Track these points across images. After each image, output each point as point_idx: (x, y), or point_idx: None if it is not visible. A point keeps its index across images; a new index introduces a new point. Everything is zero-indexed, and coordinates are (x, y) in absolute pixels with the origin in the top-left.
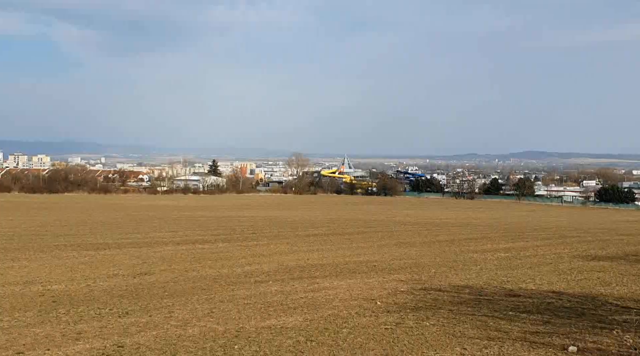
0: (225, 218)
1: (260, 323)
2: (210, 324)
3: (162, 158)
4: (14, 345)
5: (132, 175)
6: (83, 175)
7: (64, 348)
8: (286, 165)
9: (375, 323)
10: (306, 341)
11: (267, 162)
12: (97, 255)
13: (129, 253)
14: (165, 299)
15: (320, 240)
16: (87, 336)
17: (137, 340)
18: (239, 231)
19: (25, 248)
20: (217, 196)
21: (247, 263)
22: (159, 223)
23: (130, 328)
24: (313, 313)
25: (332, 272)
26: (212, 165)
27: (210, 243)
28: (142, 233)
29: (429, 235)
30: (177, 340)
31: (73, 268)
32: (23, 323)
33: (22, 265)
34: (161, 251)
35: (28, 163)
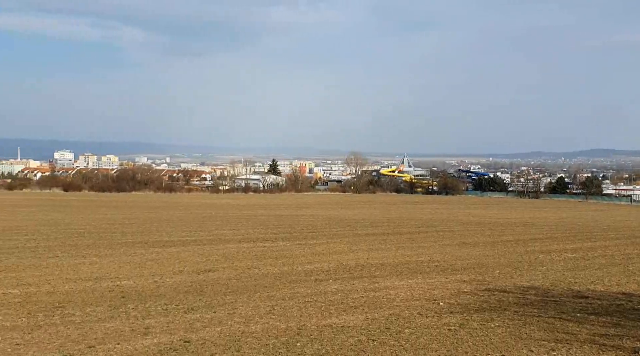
0: (285, 217)
1: (321, 321)
2: (272, 321)
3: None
4: (85, 338)
5: (196, 175)
6: (149, 174)
7: (132, 343)
8: (345, 164)
9: (438, 323)
10: (368, 340)
11: (326, 161)
12: (163, 252)
13: (193, 250)
14: (229, 296)
15: (380, 240)
16: (154, 331)
17: (203, 336)
18: (299, 230)
19: (96, 245)
20: (276, 195)
21: (307, 262)
22: (221, 221)
23: (195, 323)
24: (374, 312)
25: (393, 272)
26: (271, 164)
27: (270, 242)
28: (206, 231)
29: (493, 235)
30: (240, 336)
31: (141, 265)
32: (94, 318)
33: (92, 261)
34: (224, 249)
35: (97, 163)
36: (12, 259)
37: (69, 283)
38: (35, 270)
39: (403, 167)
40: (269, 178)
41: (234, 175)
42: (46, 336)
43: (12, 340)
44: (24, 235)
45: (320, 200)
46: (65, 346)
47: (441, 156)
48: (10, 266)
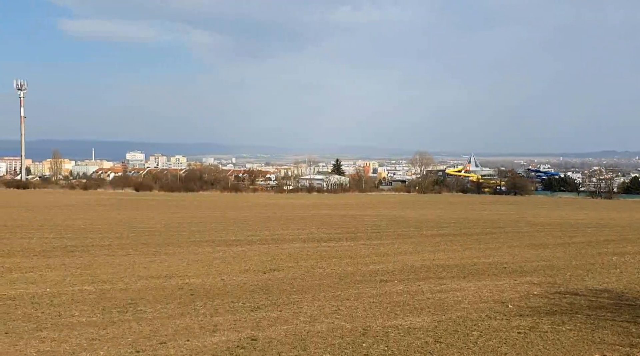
0: (348, 217)
1: (387, 322)
2: (337, 321)
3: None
4: (157, 335)
5: (261, 175)
6: (216, 174)
7: (202, 339)
8: (409, 164)
9: (507, 326)
10: (435, 342)
11: (390, 160)
12: (229, 251)
13: (259, 249)
14: (294, 295)
15: (447, 240)
16: (222, 329)
17: (269, 334)
18: (363, 230)
19: (165, 244)
20: (340, 195)
21: (371, 262)
22: (285, 221)
23: (262, 322)
24: (441, 314)
25: (460, 273)
26: (335, 164)
27: (335, 242)
28: (270, 231)
29: (564, 236)
30: (306, 336)
31: (208, 263)
32: (165, 315)
33: (162, 259)
34: (288, 248)
35: (167, 163)
36: (87, 257)
37: (141, 280)
38: (109, 267)
39: (470, 167)
40: (333, 178)
41: (298, 175)
42: (120, 332)
43: (87, 335)
44: (98, 234)
45: (384, 200)
46: (137, 342)
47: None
48: (86, 263)
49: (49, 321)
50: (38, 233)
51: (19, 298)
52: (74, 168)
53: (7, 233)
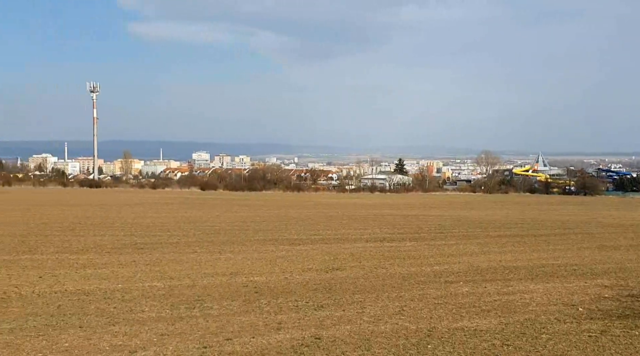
0: (412, 216)
1: (452, 323)
2: (401, 322)
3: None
4: (223, 331)
5: (322, 174)
6: (278, 174)
7: (266, 337)
8: (475, 163)
9: (577, 330)
10: (502, 345)
11: (455, 160)
12: (292, 250)
13: (321, 249)
14: (357, 295)
15: (513, 241)
16: (286, 327)
17: (333, 333)
18: (427, 230)
19: (230, 242)
20: (403, 195)
21: (436, 263)
22: (348, 220)
23: (325, 321)
24: (508, 316)
25: (527, 275)
26: (398, 163)
27: (397, 242)
28: (333, 230)
29: (636, 238)
30: (370, 336)
31: (272, 262)
32: (230, 312)
33: (228, 257)
34: (351, 248)
35: (231, 163)
36: (156, 254)
37: (207, 277)
38: (176, 264)
39: (537, 166)
40: (395, 177)
41: (360, 174)
42: (187, 328)
43: (157, 330)
44: (166, 232)
45: (448, 200)
46: (204, 338)
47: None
48: (155, 260)
49: (120, 316)
50: (110, 231)
51: (92, 293)
52: (143, 167)
53: (81, 231)
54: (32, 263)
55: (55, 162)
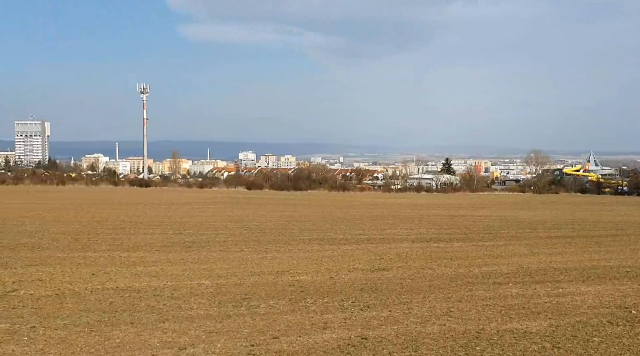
0: (459, 217)
1: (501, 325)
2: (449, 323)
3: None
4: (270, 330)
5: (368, 174)
6: (323, 173)
7: (313, 336)
8: (524, 163)
9: (631, 333)
10: (552, 348)
11: (503, 159)
12: (337, 250)
13: (367, 249)
14: (403, 295)
15: (564, 242)
16: (333, 327)
17: (379, 334)
18: (474, 230)
19: (276, 241)
20: (450, 194)
21: (484, 264)
22: (393, 220)
23: (372, 321)
24: (559, 319)
25: (578, 277)
26: (445, 163)
27: (445, 242)
28: (378, 230)
29: None
30: (417, 337)
31: (317, 261)
32: (277, 310)
33: (273, 256)
34: (397, 248)
35: (277, 163)
36: (203, 252)
37: (254, 276)
38: (223, 262)
39: (589, 166)
40: (442, 177)
41: (406, 174)
42: (235, 326)
43: (205, 327)
44: (213, 230)
45: (497, 201)
46: (252, 336)
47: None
48: (202, 258)
49: (170, 313)
50: (159, 229)
51: (143, 290)
52: (190, 167)
53: (131, 229)
54: (85, 261)
55: (106, 162)
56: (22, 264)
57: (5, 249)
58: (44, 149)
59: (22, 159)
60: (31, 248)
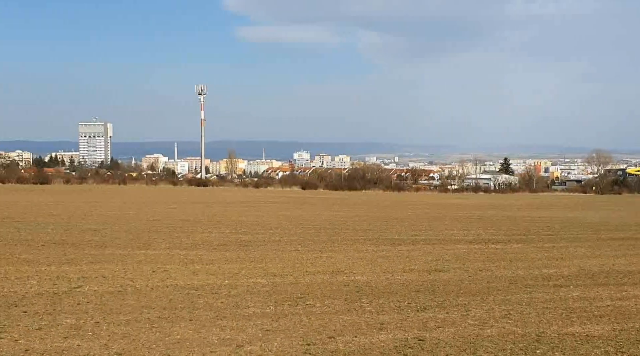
0: (518, 218)
1: (562, 329)
2: (508, 326)
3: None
4: (325, 329)
5: (423, 174)
6: (378, 173)
7: (369, 337)
8: (585, 163)
9: None
10: (616, 352)
11: (564, 159)
12: (393, 250)
13: (423, 249)
14: (461, 297)
15: (628, 245)
16: (389, 328)
17: (436, 335)
18: (534, 232)
19: (331, 241)
20: (509, 195)
21: (544, 266)
22: (450, 221)
23: (428, 323)
24: (622, 322)
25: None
26: (503, 163)
27: (503, 244)
28: (435, 231)
29: None
30: (475, 339)
31: (373, 261)
32: (332, 310)
33: (328, 256)
34: (454, 249)
35: (331, 163)
36: (259, 251)
37: (309, 275)
38: (279, 262)
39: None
40: (501, 177)
41: (463, 174)
42: (291, 325)
43: (262, 325)
44: (268, 230)
45: (557, 201)
46: (308, 335)
47: None
48: (258, 257)
49: (227, 310)
50: (216, 228)
51: (201, 288)
52: (246, 167)
53: (189, 228)
54: (146, 258)
55: (166, 162)
56: (86, 261)
57: (71, 246)
58: (106, 149)
59: (86, 159)
60: (95, 246)
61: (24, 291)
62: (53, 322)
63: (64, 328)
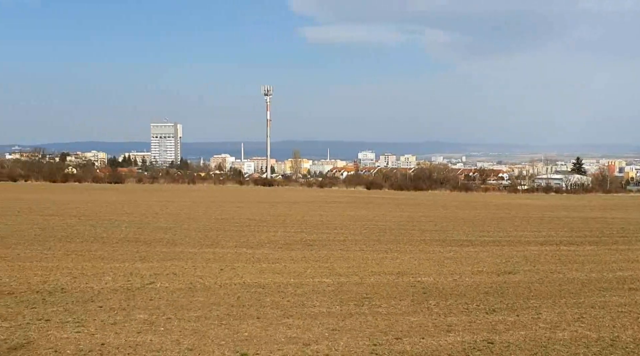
0: (591, 219)
1: (638, 334)
2: (581, 330)
3: (522, 156)
4: (392, 330)
5: (492, 174)
6: (445, 173)
7: (436, 338)
8: None
9: None
10: None
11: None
12: (460, 251)
13: (492, 251)
14: (532, 300)
15: None
16: (457, 330)
17: (506, 338)
18: (608, 234)
19: (396, 241)
20: (581, 196)
21: (618, 269)
22: (520, 222)
23: (498, 325)
24: None
25: None
26: (575, 163)
27: (576, 245)
28: (504, 232)
29: None
30: (547, 343)
31: (439, 262)
32: (398, 311)
33: (394, 256)
34: (524, 250)
35: (396, 162)
36: (324, 251)
37: (374, 275)
38: (344, 261)
39: None
40: (573, 177)
41: (533, 174)
42: (357, 325)
43: (328, 325)
44: (333, 229)
45: (632, 202)
46: (374, 335)
47: None
48: (323, 257)
49: (293, 309)
50: (282, 228)
51: (267, 286)
52: (311, 167)
53: (256, 227)
54: (214, 256)
55: (232, 162)
56: (158, 258)
57: (143, 244)
58: (176, 150)
59: (157, 159)
60: (166, 244)
61: (99, 287)
62: (127, 317)
63: (137, 323)
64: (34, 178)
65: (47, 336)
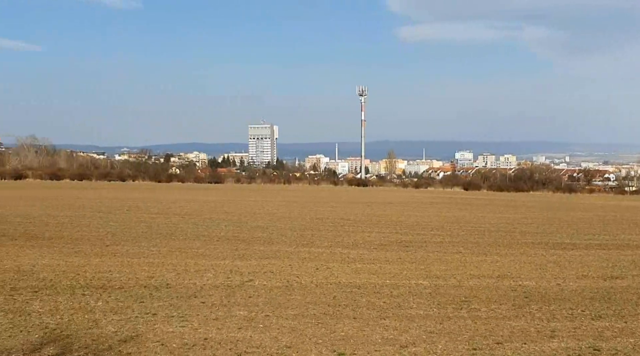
0: None
1: None
2: None
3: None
4: (492, 334)
5: (598, 174)
6: (547, 174)
7: (539, 344)
8: None
9: None
10: None
11: None
12: (564, 255)
13: (597, 254)
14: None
15: None
16: (561, 335)
17: (614, 346)
18: None
19: (496, 244)
20: None
21: None
22: (627, 224)
23: (604, 332)
24: None
25: None
26: None
27: None
28: (611, 235)
29: None
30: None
31: (542, 266)
32: (499, 315)
33: (493, 259)
34: (632, 255)
35: (495, 162)
36: (420, 252)
37: (473, 279)
38: (441, 264)
39: None
40: None
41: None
42: (455, 328)
43: (425, 327)
44: (429, 231)
45: None
46: (473, 339)
47: None
48: (420, 258)
49: (390, 310)
50: (376, 228)
51: (363, 287)
52: (406, 167)
53: (350, 227)
54: (310, 256)
55: (327, 162)
56: (256, 257)
57: (242, 242)
58: (272, 150)
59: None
60: (263, 242)
61: (201, 283)
62: (228, 313)
63: (237, 320)
64: (141, 178)
65: (154, 329)
